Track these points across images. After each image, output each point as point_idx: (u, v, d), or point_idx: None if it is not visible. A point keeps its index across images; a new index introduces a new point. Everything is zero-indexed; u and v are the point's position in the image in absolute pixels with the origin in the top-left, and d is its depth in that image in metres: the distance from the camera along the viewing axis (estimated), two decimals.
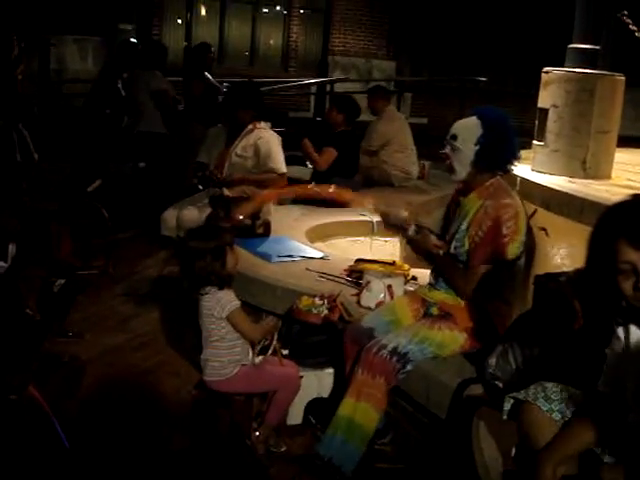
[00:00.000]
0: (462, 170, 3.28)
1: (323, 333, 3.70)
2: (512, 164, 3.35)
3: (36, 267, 4.52)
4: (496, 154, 3.25)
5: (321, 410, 3.55)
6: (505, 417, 2.40)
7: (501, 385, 2.85)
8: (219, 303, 3.19)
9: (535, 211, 4.23)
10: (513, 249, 3.21)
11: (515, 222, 3.19)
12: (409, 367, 3.19)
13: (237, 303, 3.22)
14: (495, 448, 2.53)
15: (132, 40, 8.58)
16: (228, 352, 3.25)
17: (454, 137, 3.28)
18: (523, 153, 5.50)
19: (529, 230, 3.36)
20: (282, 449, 3.41)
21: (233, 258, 3.28)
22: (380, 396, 3.14)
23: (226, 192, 5.04)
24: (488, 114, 3.31)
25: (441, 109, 14.54)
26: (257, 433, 3.33)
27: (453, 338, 3.26)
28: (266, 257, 4.59)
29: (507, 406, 2.40)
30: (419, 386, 3.21)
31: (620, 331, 2.17)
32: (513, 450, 2.37)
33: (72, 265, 4.78)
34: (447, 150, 3.32)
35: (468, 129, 3.25)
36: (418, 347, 3.18)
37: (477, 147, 3.21)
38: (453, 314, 3.29)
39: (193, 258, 3.19)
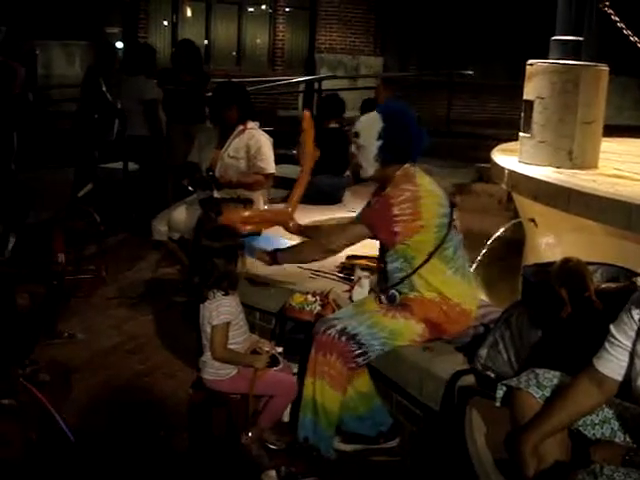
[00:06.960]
0: (368, 167, 3.29)
1: None
2: (417, 153, 3.34)
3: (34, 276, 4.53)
4: (398, 145, 3.25)
5: None
6: (498, 404, 2.44)
7: (493, 375, 2.88)
8: (216, 310, 3.21)
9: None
10: (423, 235, 3.19)
11: (412, 205, 3.17)
12: (371, 354, 3.21)
13: (227, 319, 3.22)
14: (488, 437, 2.55)
15: (112, 43, 8.48)
16: None
17: (357, 134, 3.30)
18: (510, 145, 5.56)
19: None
20: (284, 446, 3.41)
21: (242, 261, 3.33)
22: (335, 374, 3.16)
23: (216, 194, 5.05)
24: (387, 107, 3.36)
25: (429, 103, 14.56)
26: (250, 434, 3.33)
27: (408, 327, 3.25)
28: None
29: (500, 393, 2.44)
30: (412, 378, 3.23)
31: None
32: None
33: (63, 270, 4.78)
34: (353, 149, 3.35)
35: (369, 124, 3.27)
36: (368, 331, 3.20)
37: (379, 141, 3.23)
38: (410, 304, 3.29)
39: (207, 256, 3.22)
